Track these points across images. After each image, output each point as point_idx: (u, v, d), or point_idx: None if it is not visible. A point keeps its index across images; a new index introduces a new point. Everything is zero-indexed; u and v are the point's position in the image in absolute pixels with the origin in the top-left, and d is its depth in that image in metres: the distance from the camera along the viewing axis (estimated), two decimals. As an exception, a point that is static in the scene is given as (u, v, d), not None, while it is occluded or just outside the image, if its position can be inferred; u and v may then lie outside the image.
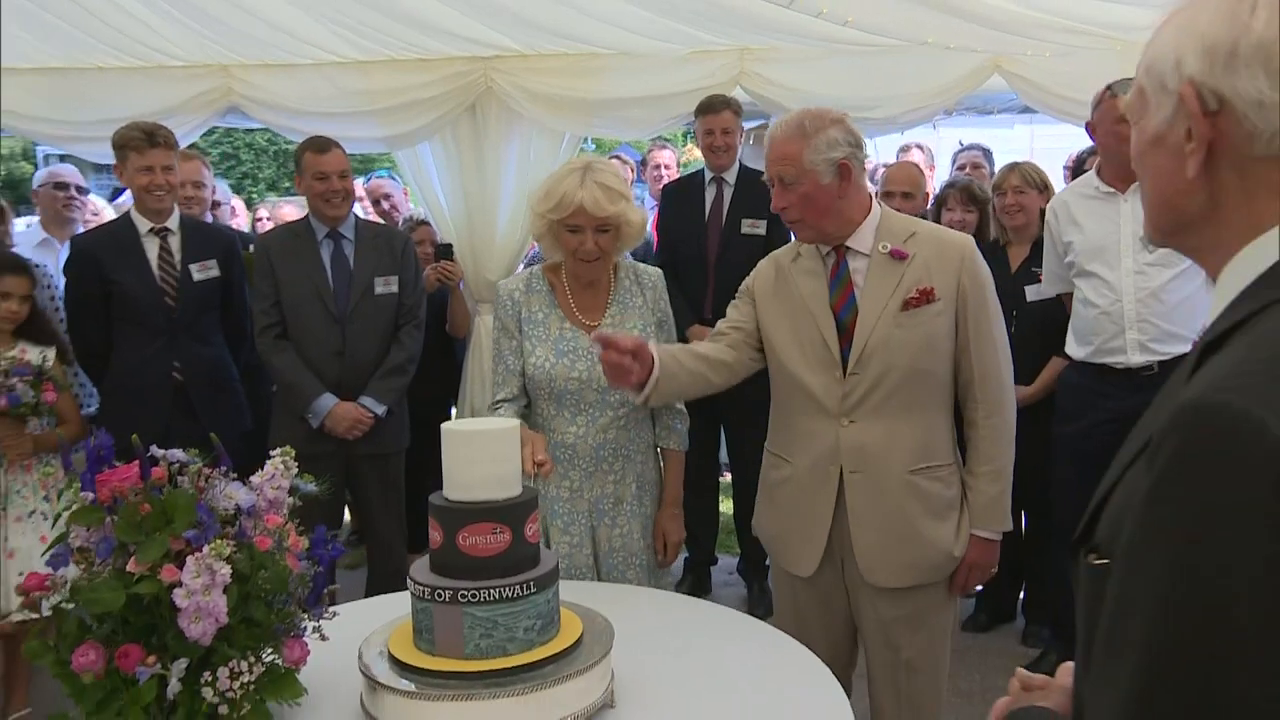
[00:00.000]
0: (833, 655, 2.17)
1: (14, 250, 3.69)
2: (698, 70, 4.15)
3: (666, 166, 5.00)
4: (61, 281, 3.52)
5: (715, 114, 3.88)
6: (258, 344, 3.37)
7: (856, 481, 2.07)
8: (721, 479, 4.61)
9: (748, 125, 13.86)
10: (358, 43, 4.21)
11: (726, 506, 4.65)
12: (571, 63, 4.26)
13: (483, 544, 1.54)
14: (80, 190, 4.31)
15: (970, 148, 4.87)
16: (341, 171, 3.34)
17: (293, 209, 5.22)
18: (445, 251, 4.09)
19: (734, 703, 1.66)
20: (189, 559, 1.42)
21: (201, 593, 1.42)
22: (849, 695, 2.25)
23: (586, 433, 2.32)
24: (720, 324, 2.30)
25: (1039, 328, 3.48)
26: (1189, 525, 0.67)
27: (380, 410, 3.33)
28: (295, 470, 1.67)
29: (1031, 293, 3.52)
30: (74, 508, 1.48)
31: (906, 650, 2.11)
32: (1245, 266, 0.80)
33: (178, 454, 1.58)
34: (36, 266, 3.49)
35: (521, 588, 1.53)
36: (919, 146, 5.48)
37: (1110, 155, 3.10)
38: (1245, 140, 0.78)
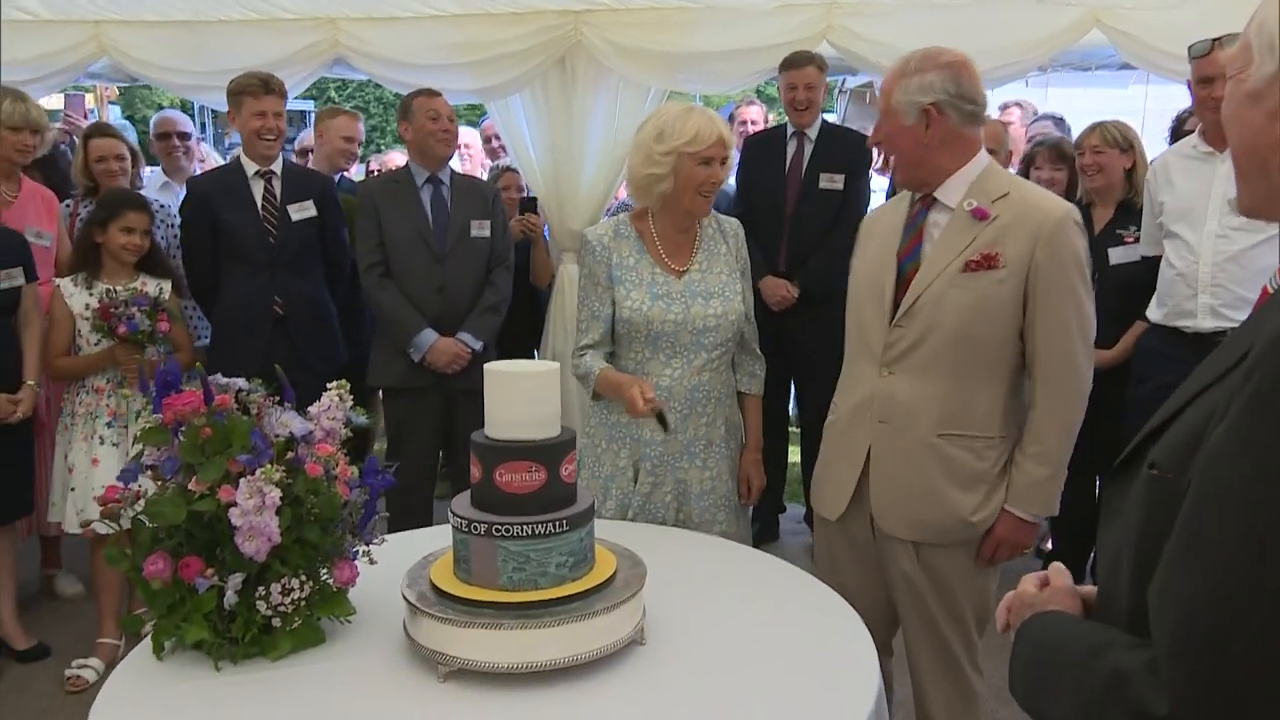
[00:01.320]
0: (868, 602, 2.19)
1: (142, 191, 3.94)
2: (784, 24, 4.09)
3: (754, 122, 4.96)
4: (179, 221, 3.74)
5: (798, 69, 3.85)
6: (363, 281, 3.54)
7: (883, 431, 2.09)
8: (791, 429, 4.63)
9: (851, 83, 13.44)
10: (455, -4, 4.30)
11: (795, 456, 4.68)
12: (659, 16, 4.25)
13: (518, 481, 1.60)
14: (182, 137, 4.54)
15: (1042, 118, 4.70)
16: (450, 114, 3.54)
17: (398, 156, 5.44)
18: (529, 205, 4.18)
19: (762, 646, 1.70)
20: (242, 481, 1.52)
21: (254, 513, 1.53)
22: (890, 651, 2.29)
23: (682, 375, 2.37)
24: None
25: (1121, 292, 3.37)
26: None
27: (478, 345, 3.49)
28: (350, 403, 1.76)
29: (1115, 255, 3.41)
30: (145, 428, 1.61)
31: (932, 605, 2.11)
32: None
33: (239, 382, 1.69)
34: (160, 206, 3.72)
35: (554, 525, 1.59)
36: (1019, 104, 5.30)
37: (1201, 115, 3.01)
38: None
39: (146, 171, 4.43)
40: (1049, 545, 4.05)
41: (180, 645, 1.61)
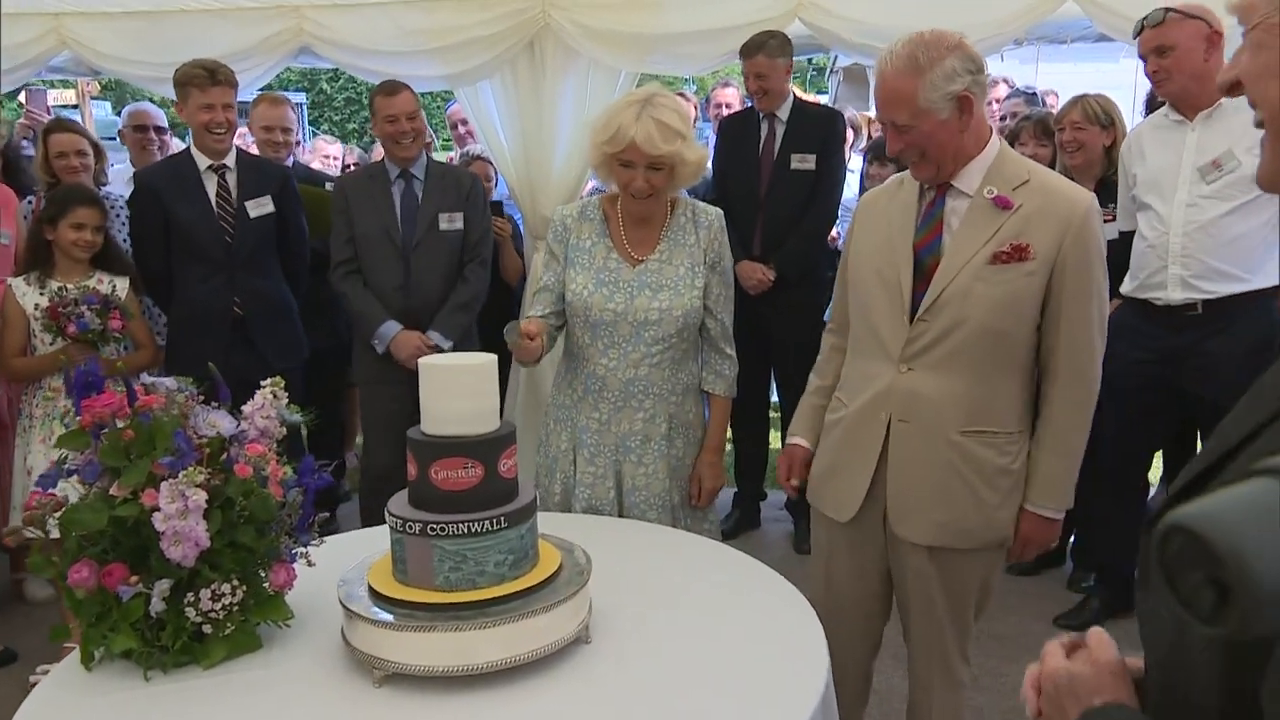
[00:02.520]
0: (864, 601, 2.17)
1: (107, 188, 3.87)
2: (755, 3, 4.00)
3: (729, 105, 4.90)
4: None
5: (748, 58, 3.82)
6: (331, 277, 3.51)
7: (902, 431, 1.99)
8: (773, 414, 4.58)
9: (842, 62, 13.38)
10: (421, -19, 4.23)
11: (776, 442, 4.63)
12: (628, -3, 4.18)
13: (453, 478, 1.55)
14: (158, 130, 4.47)
15: (1015, 93, 4.64)
16: (410, 113, 3.44)
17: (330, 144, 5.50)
18: (495, 208, 4.13)
19: (711, 640, 1.66)
20: (163, 484, 1.47)
21: (178, 517, 1.47)
22: (879, 639, 2.25)
23: (618, 366, 2.31)
24: (830, 328, 2.27)
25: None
26: None
27: (446, 344, 3.43)
28: (285, 400, 1.71)
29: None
30: (65, 432, 1.56)
31: (940, 603, 2.06)
32: None
33: (166, 381, 1.63)
34: (119, 199, 3.65)
35: (491, 522, 1.54)
36: (1005, 80, 5.24)
37: (1157, 86, 3.00)
38: None
39: (113, 166, 4.35)
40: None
41: (109, 655, 1.56)
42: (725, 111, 4.81)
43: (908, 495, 2.01)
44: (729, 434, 2.69)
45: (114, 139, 5.24)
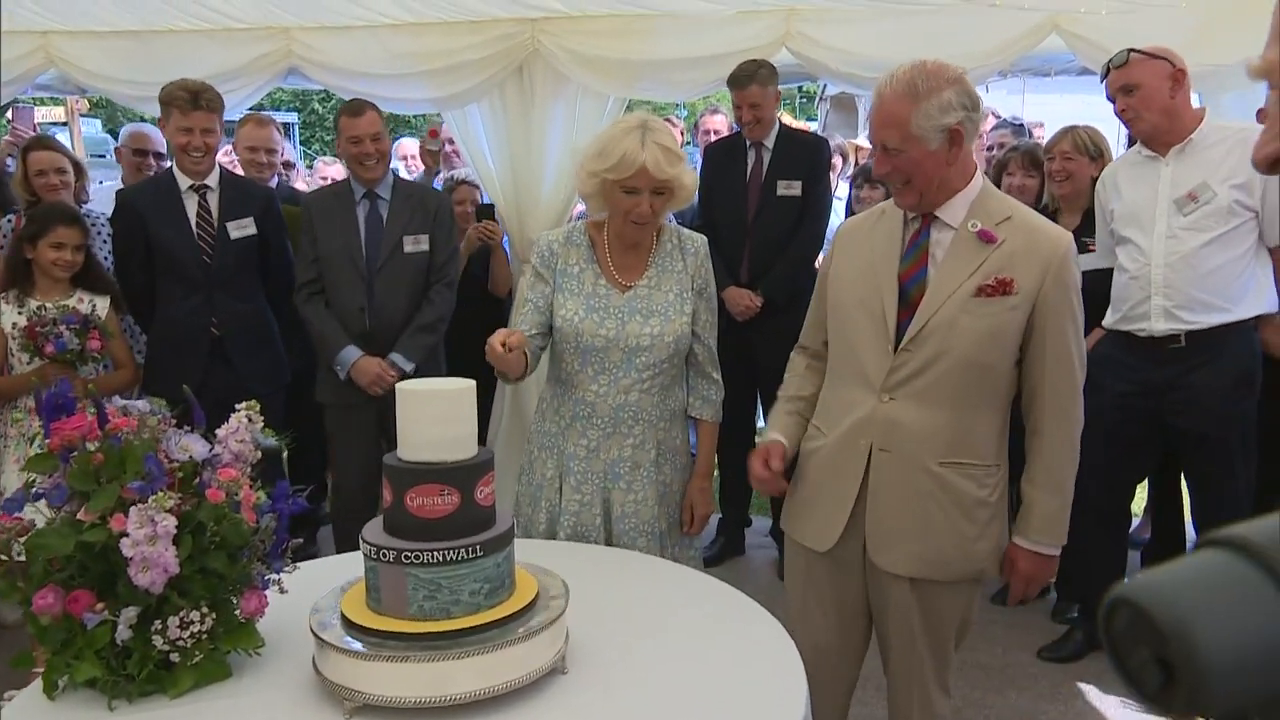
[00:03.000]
0: (842, 633, 2.15)
1: (89, 206, 3.85)
2: (743, 31, 4.04)
3: (717, 132, 4.91)
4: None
5: (740, 89, 3.83)
6: (295, 297, 3.46)
7: (883, 460, 1.98)
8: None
9: (831, 90, 13.44)
10: (410, 5, 4.23)
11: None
12: (617, 24, 4.19)
13: (429, 505, 1.53)
14: (158, 157, 4.42)
15: (1001, 124, 4.68)
16: (374, 134, 3.38)
17: (330, 165, 5.42)
18: (486, 211, 4.10)
19: (690, 671, 1.63)
20: (132, 509, 1.44)
21: (146, 543, 1.44)
22: (857, 672, 2.23)
23: (608, 392, 2.29)
24: (809, 322, 2.25)
25: (1085, 299, 3.32)
26: None
27: (408, 367, 3.38)
28: (260, 424, 1.68)
29: (1080, 263, 3.36)
30: (32, 454, 1.53)
31: (919, 636, 2.05)
32: None
33: (139, 404, 1.61)
34: (100, 217, 3.63)
35: (467, 550, 1.52)
36: (992, 113, 5.28)
37: (1126, 124, 3.03)
38: None
39: (97, 185, 4.32)
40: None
41: (73, 684, 1.53)
42: (714, 138, 4.82)
43: (887, 525, 2.00)
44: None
45: (103, 156, 5.22)
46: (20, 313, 3.10)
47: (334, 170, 5.69)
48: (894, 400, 1.97)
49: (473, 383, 1.62)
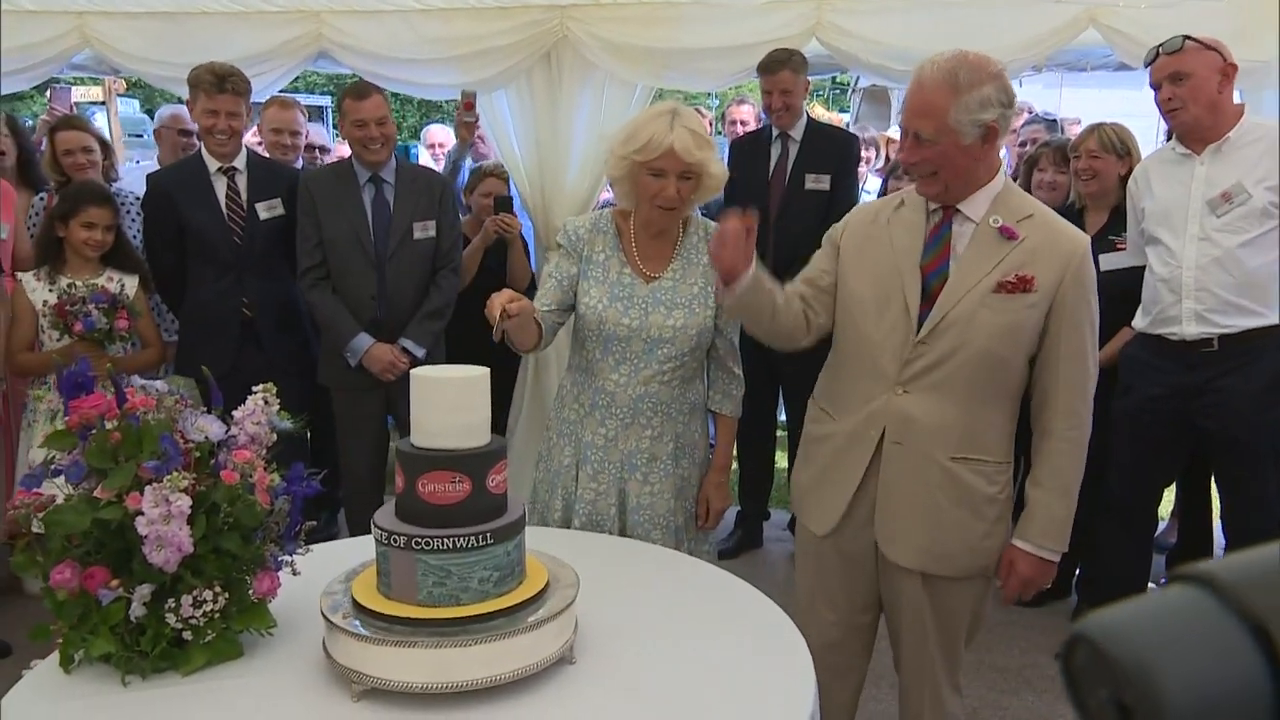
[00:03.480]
0: (850, 628, 2.15)
1: (119, 185, 3.89)
2: (773, 20, 4.01)
3: (744, 122, 4.88)
4: (145, 215, 3.66)
5: (772, 75, 3.78)
6: (299, 283, 3.44)
7: (895, 452, 1.97)
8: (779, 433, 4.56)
9: (864, 82, 13.36)
10: (441, -11, 4.24)
11: (782, 461, 4.60)
12: (646, 11, 4.18)
13: (441, 492, 1.53)
14: (187, 133, 4.47)
15: (1034, 120, 4.61)
16: (379, 118, 3.35)
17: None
18: (504, 204, 4.09)
19: (699, 665, 1.63)
20: (147, 488, 1.46)
21: (161, 522, 1.46)
22: (866, 666, 2.22)
23: (628, 383, 2.29)
24: (802, 275, 2.14)
25: (1111, 298, 3.26)
26: None
27: (419, 353, 3.40)
28: (276, 407, 1.69)
29: (1105, 262, 3.31)
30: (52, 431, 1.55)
31: (931, 632, 2.04)
32: None
33: (159, 384, 1.62)
34: (130, 196, 3.67)
35: (478, 538, 1.52)
36: (1028, 108, 5.21)
37: (1169, 116, 2.94)
38: None
39: (127, 164, 4.36)
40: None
41: (88, 658, 1.55)
42: (740, 129, 4.79)
43: (897, 517, 1.99)
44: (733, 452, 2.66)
45: (140, 136, 5.25)
46: (51, 290, 3.14)
47: None
48: (908, 393, 1.96)
49: (486, 370, 1.62)
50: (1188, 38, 2.85)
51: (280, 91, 4.90)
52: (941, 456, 1.95)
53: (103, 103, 11.45)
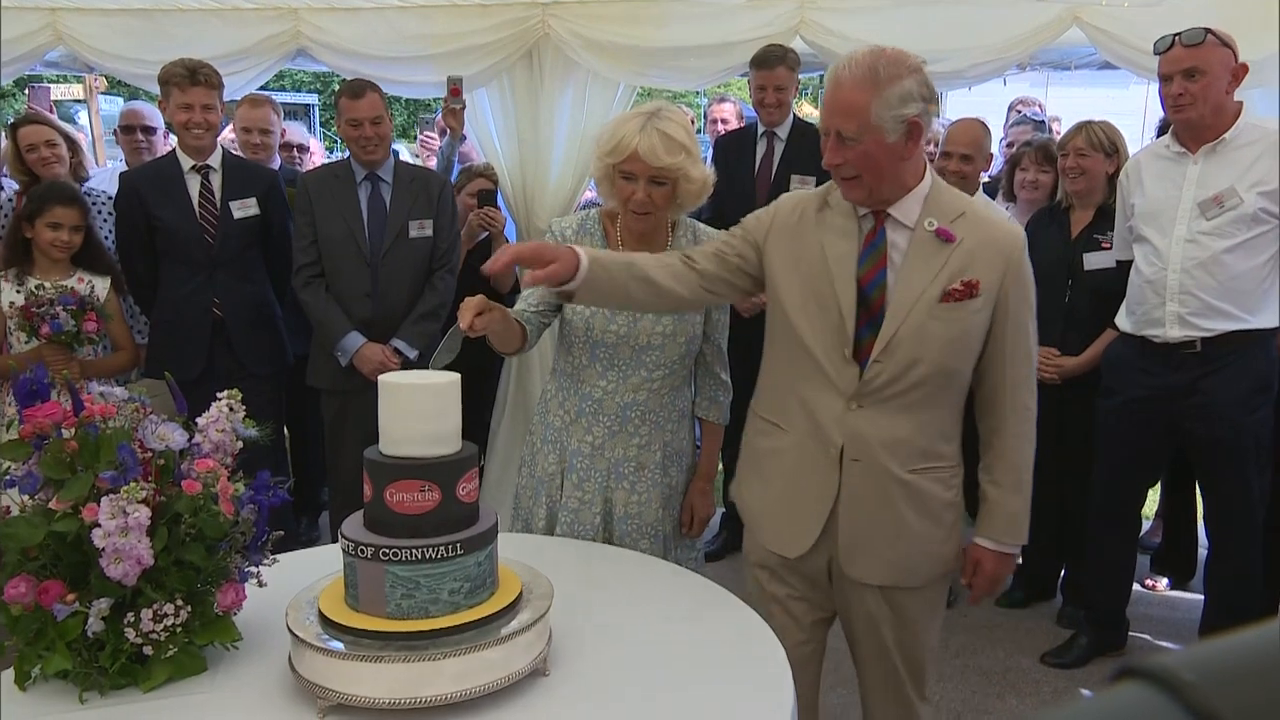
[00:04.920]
0: (810, 619, 2.08)
1: (91, 184, 3.82)
2: (757, 19, 3.97)
3: (725, 120, 4.84)
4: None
5: (769, 70, 3.74)
6: (293, 281, 3.41)
7: (856, 470, 1.90)
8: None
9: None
10: (420, -14, 4.19)
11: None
12: (628, 9, 4.13)
13: (409, 501, 1.49)
14: (146, 130, 4.41)
15: (1022, 120, 4.59)
16: (374, 117, 3.32)
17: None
18: (488, 198, 4.03)
19: (675, 675, 1.59)
20: (104, 500, 1.41)
21: (118, 534, 1.41)
22: (820, 669, 2.17)
23: (616, 390, 2.23)
24: (705, 248, 2.02)
25: (1095, 298, 3.27)
26: None
27: (412, 354, 3.35)
28: (241, 414, 1.65)
29: (1090, 261, 3.30)
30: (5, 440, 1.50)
31: (891, 643, 2.00)
32: None
33: (118, 391, 1.57)
34: (102, 195, 3.60)
35: (447, 549, 1.48)
36: (1023, 102, 5.18)
37: (1175, 112, 2.87)
38: None
39: (110, 163, 4.29)
40: (1019, 560, 3.94)
41: (44, 675, 1.50)
42: (721, 127, 4.75)
43: (859, 535, 1.93)
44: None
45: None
46: (19, 292, 3.08)
47: None
48: (862, 408, 1.88)
49: (457, 376, 1.58)
50: (1209, 31, 2.75)
51: (265, 89, 4.84)
52: (900, 470, 1.89)
53: (84, 101, 11.33)
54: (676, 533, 2.35)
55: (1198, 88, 2.76)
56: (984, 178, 3.81)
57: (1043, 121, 4.51)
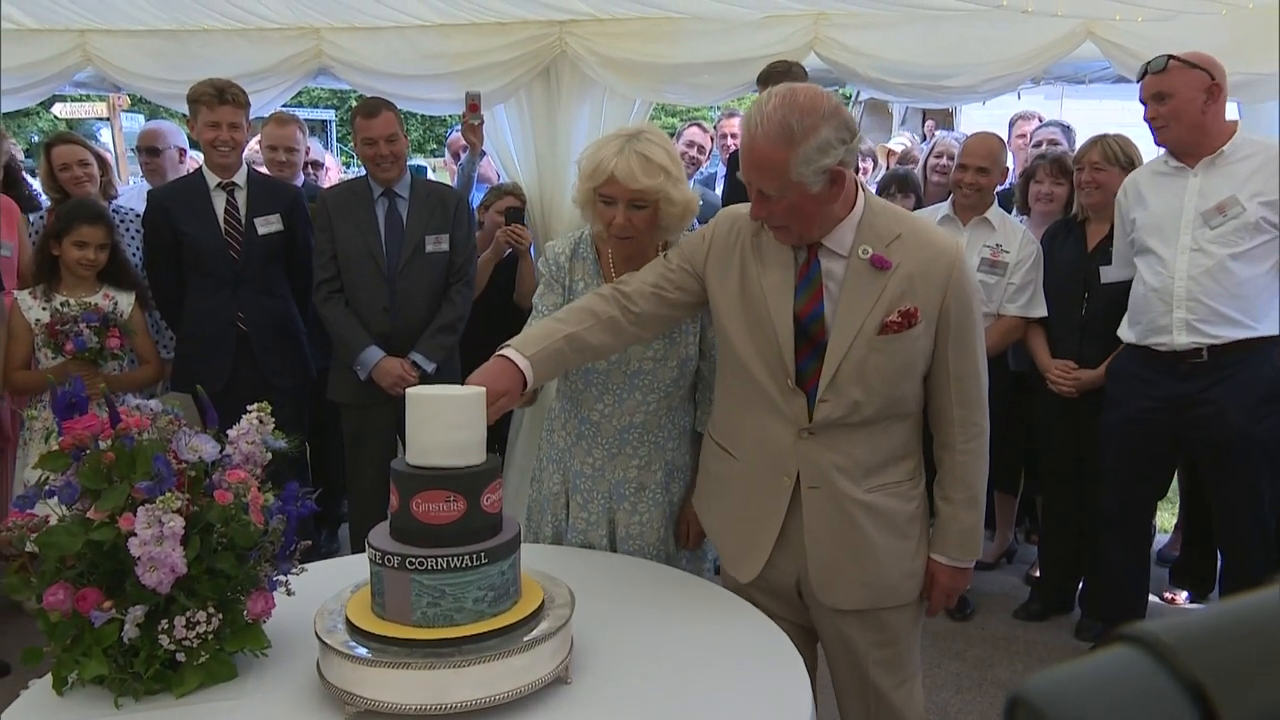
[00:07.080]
0: (790, 628, 2.08)
1: (119, 202, 3.89)
2: (771, 35, 4.02)
3: (734, 135, 4.88)
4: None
5: (775, 86, 3.76)
6: (313, 296, 3.47)
7: (814, 498, 1.90)
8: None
9: (865, 94, 13.38)
10: (438, 6, 4.25)
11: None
12: (644, 27, 4.19)
13: (435, 512, 1.53)
14: (152, 152, 4.42)
15: (1048, 124, 4.61)
16: (389, 136, 3.38)
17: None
18: (515, 215, 4.07)
19: (695, 683, 1.62)
20: (140, 509, 1.45)
21: (153, 543, 1.45)
22: (814, 647, 2.17)
23: (613, 413, 2.23)
24: (646, 281, 1.98)
25: (1112, 310, 3.28)
26: None
27: (430, 367, 3.39)
28: (270, 426, 1.69)
29: (1107, 274, 3.31)
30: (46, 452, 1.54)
31: (874, 665, 1.99)
32: None
33: (153, 404, 1.62)
34: (130, 212, 3.67)
35: (472, 558, 1.51)
36: (1036, 116, 5.20)
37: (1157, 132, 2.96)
38: None
39: (133, 180, 4.36)
40: (1036, 573, 3.94)
41: (81, 681, 1.54)
42: (732, 143, 4.79)
43: (828, 561, 1.93)
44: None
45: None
46: (45, 309, 3.14)
47: None
48: (814, 436, 1.89)
49: (482, 389, 1.62)
50: (1172, 57, 2.87)
51: (282, 106, 4.92)
52: (858, 493, 1.89)
53: (107, 118, 11.49)
54: (683, 550, 2.35)
55: (1167, 110, 2.89)
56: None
57: (1069, 127, 4.51)
